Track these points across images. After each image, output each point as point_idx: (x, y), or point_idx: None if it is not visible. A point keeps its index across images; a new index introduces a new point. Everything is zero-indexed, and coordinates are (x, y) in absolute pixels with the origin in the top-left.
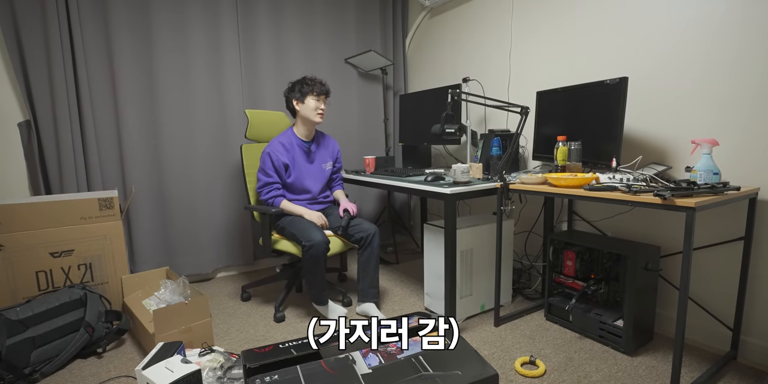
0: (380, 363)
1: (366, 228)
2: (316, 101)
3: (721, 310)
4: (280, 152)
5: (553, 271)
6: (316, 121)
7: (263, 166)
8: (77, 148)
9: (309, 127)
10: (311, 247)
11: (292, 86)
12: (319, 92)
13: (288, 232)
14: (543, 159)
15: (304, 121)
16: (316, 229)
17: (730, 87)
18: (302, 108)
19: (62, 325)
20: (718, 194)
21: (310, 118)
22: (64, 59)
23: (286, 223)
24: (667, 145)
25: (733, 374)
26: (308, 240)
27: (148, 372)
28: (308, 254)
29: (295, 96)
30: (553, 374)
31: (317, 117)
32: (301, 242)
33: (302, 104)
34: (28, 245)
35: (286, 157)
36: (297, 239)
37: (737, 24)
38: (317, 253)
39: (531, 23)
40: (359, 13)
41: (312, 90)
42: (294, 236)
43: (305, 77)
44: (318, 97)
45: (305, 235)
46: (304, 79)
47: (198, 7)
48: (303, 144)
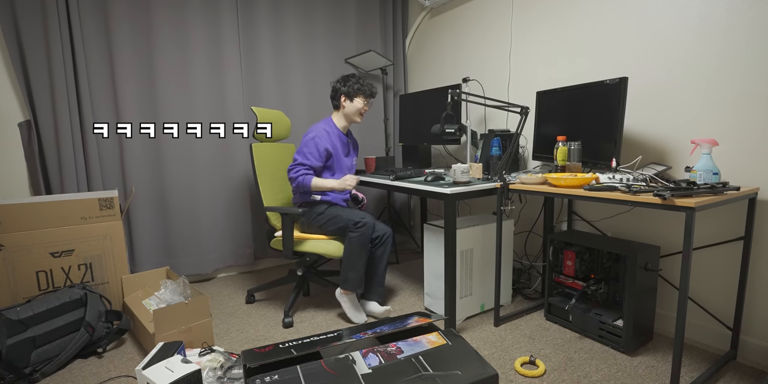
0: (380, 363)
1: (382, 228)
2: (365, 103)
3: (721, 310)
4: (325, 139)
5: (553, 271)
6: (357, 120)
7: (304, 149)
8: (77, 147)
9: (348, 123)
10: (364, 224)
11: (343, 81)
12: (368, 95)
13: (334, 229)
14: (543, 159)
15: (347, 117)
16: (361, 213)
17: (731, 87)
18: (348, 106)
19: (62, 325)
20: (718, 194)
21: (353, 117)
22: (64, 58)
23: (328, 220)
24: (667, 145)
25: (733, 374)
26: (361, 217)
27: (149, 372)
28: (360, 231)
29: (346, 92)
30: (553, 374)
31: (359, 117)
32: (350, 220)
33: (350, 102)
34: (29, 245)
35: (329, 144)
36: (344, 220)
37: (739, 24)
38: (369, 232)
39: (531, 23)
40: (359, 13)
41: (363, 92)
42: (340, 218)
43: (356, 76)
44: (366, 100)
45: (356, 215)
46: (356, 77)
47: (198, 4)
48: (342, 135)
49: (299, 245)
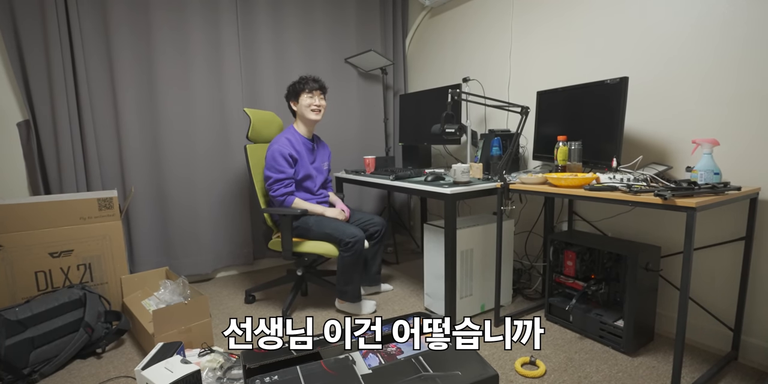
0: (380, 363)
1: (378, 221)
2: (309, 98)
3: (722, 310)
4: (286, 146)
5: (554, 271)
6: (311, 117)
7: (272, 164)
8: (76, 147)
9: (308, 125)
10: (356, 242)
11: (288, 88)
12: (310, 88)
13: (319, 233)
14: (543, 159)
15: (302, 119)
16: (350, 225)
17: (732, 87)
18: (298, 107)
19: (61, 326)
20: (719, 194)
21: (305, 115)
22: (63, 59)
23: (313, 223)
24: (668, 145)
25: (734, 375)
26: (352, 236)
27: (148, 372)
28: (352, 250)
29: (290, 94)
30: (554, 374)
31: (312, 114)
32: (341, 240)
33: (297, 103)
34: (28, 245)
35: (293, 150)
36: (334, 238)
37: (740, 24)
38: (361, 248)
39: (531, 23)
40: (359, 13)
41: (304, 87)
42: (330, 236)
43: (300, 77)
44: (311, 94)
45: (346, 233)
46: (298, 78)
47: (197, 6)
48: (307, 141)
49: (298, 246)
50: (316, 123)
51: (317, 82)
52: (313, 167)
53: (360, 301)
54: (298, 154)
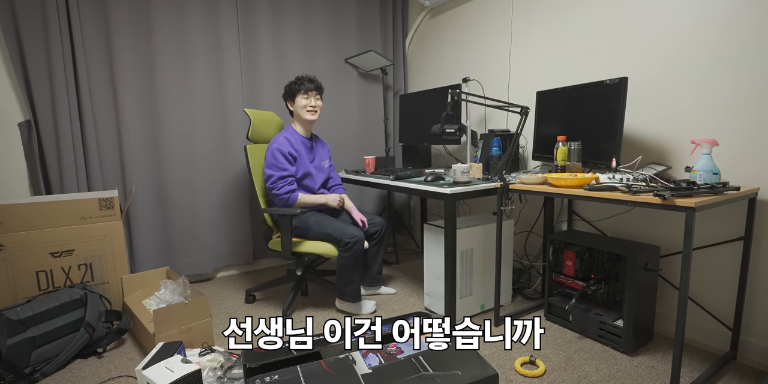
0: (380, 363)
1: (378, 222)
2: (305, 99)
3: (721, 310)
4: (285, 145)
5: (553, 271)
6: (307, 118)
7: (273, 162)
8: (77, 147)
9: (305, 125)
10: (356, 242)
11: (285, 88)
12: (306, 89)
13: (319, 233)
14: (543, 159)
15: (299, 120)
16: (350, 225)
17: (731, 87)
18: (294, 108)
19: (62, 325)
20: (718, 194)
21: (301, 116)
22: (65, 59)
23: (313, 223)
24: (667, 145)
25: (733, 374)
26: (351, 237)
27: (149, 372)
28: (352, 250)
29: (287, 97)
30: (553, 374)
31: (307, 114)
32: (340, 240)
33: (293, 104)
34: (29, 245)
35: (292, 149)
36: (334, 238)
37: (738, 25)
38: (360, 248)
39: (531, 23)
40: (359, 13)
41: (299, 88)
42: (329, 236)
43: (296, 77)
44: (306, 94)
45: (345, 233)
46: (294, 78)
47: (198, 6)
48: (305, 141)
49: (297, 246)
50: (313, 123)
51: (313, 82)
52: (312, 166)
53: (360, 301)
54: (297, 153)
